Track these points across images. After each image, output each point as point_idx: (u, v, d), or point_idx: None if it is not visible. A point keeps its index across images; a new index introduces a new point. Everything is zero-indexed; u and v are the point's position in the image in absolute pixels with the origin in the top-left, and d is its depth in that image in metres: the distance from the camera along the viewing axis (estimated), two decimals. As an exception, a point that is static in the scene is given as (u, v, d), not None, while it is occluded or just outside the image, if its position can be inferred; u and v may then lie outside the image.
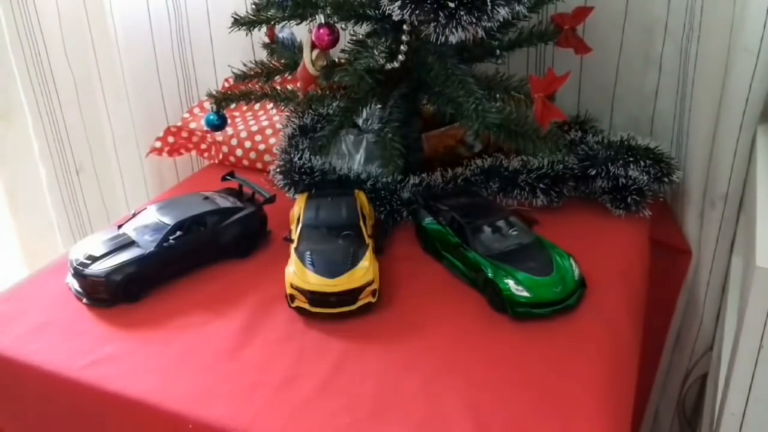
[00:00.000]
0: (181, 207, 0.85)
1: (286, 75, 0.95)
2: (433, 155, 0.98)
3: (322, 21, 0.82)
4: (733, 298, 0.87)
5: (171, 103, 1.28)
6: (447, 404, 0.64)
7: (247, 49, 1.17)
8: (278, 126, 1.10)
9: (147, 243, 0.80)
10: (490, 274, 0.76)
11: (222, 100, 0.95)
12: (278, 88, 0.95)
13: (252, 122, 1.14)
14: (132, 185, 1.34)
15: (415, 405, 0.64)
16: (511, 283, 0.74)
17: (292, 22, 0.86)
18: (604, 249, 0.87)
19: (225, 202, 0.87)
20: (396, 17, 0.75)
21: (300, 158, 0.92)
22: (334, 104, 0.93)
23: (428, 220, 0.86)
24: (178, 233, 0.82)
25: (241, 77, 0.96)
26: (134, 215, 0.86)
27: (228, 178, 0.94)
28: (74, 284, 0.80)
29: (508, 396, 0.65)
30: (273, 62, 0.97)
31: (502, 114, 0.79)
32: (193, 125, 1.16)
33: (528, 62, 1.08)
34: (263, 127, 1.12)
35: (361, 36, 0.86)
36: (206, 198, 0.88)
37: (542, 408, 0.63)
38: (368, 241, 0.80)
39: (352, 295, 0.74)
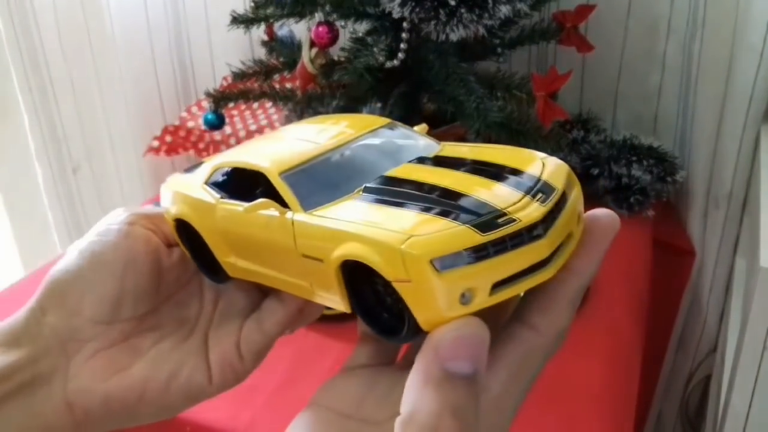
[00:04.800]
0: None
1: (285, 73, 0.95)
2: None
3: (322, 19, 0.81)
4: (737, 299, 0.86)
5: (168, 101, 1.27)
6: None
7: (245, 47, 1.16)
8: (277, 125, 1.09)
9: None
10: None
11: (220, 99, 0.94)
12: (277, 86, 0.94)
13: (251, 121, 1.13)
14: (129, 184, 1.33)
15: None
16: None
17: (291, 20, 0.85)
18: (606, 249, 0.86)
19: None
20: (396, 15, 0.74)
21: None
22: (334, 103, 0.93)
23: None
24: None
25: (240, 76, 0.95)
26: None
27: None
28: (70, 285, 0.79)
29: (509, 398, 0.64)
30: (272, 60, 0.96)
31: (503, 113, 0.78)
32: (191, 124, 1.15)
33: (530, 60, 1.07)
34: (262, 126, 1.11)
35: (360, 34, 0.86)
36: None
37: (542, 410, 0.63)
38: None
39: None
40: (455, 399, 0.27)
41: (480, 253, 0.27)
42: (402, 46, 0.80)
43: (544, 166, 0.32)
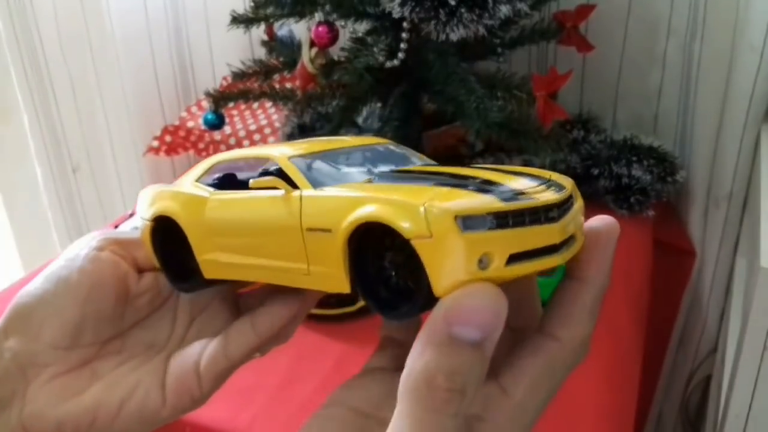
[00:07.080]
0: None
1: (285, 73, 0.94)
2: (433, 155, 0.97)
3: (322, 19, 0.81)
4: (737, 299, 0.86)
5: (168, 101, 1.27)
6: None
7: (245, 47, 1.16)
8: (277, 125, 1.09)
9: (144, 243, 0.79)
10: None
11: (220, 98, 0.94)
12: (277, 86, 0.94)
13: (250, 121, 1.13)
14: (129, 185, 1.33)
15: (415, 408, 0.63)
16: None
17: (291, 20, 0.85)
18: (606, 249, 0.86)
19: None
20: (396, 15, 0.74)
21: (299, 157, 0.91)
22: (334, 103, 0.93)
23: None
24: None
25: (240, 75, 0.95)
26: (131, 215, 0.85)
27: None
28: (70, 285, 0.79)
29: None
30: (272, 60, 0.96)
31: (503, 113, 0.78)
32: (190, 124, 1.15)
33: (530, 60, 1.07)
34: (262, 126, 1.11)
35: (360, 34, 0.85)
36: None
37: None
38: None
39: (351, 295, 0.74)
40: (453, 364, 0.25)
41: (501, 220, 0.27)
42: (402, 46, 0.80)
43: (552, 176, 0.33)
